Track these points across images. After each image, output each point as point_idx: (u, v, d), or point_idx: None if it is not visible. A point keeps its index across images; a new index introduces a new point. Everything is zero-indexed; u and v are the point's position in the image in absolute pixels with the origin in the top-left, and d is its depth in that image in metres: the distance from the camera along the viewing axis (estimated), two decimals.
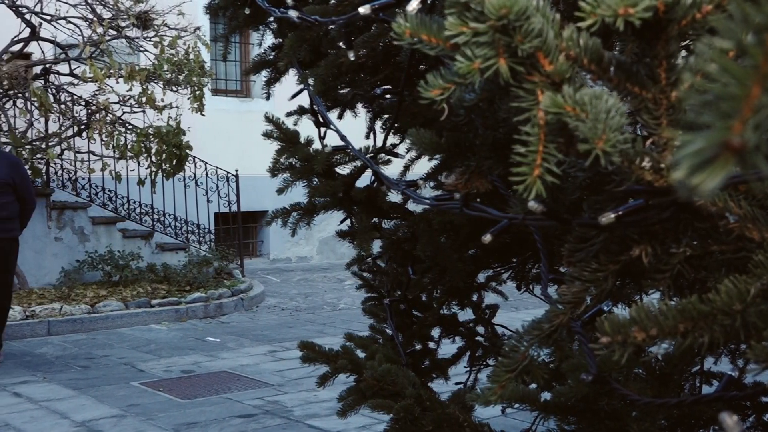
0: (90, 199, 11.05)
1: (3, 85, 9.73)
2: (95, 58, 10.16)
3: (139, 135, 10.54)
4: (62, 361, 7.31)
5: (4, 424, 5.36)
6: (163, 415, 5.54)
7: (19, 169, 7.23)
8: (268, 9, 2.14)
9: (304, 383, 6.23)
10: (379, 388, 2.26)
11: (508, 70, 0.95)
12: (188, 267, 10.84)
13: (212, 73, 11.52)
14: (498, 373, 1.32)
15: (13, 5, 10.09)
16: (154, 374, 6.76)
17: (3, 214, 6.90)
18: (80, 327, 8.74)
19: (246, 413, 5.57)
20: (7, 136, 9.85)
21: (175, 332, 8.76)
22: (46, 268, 10.42)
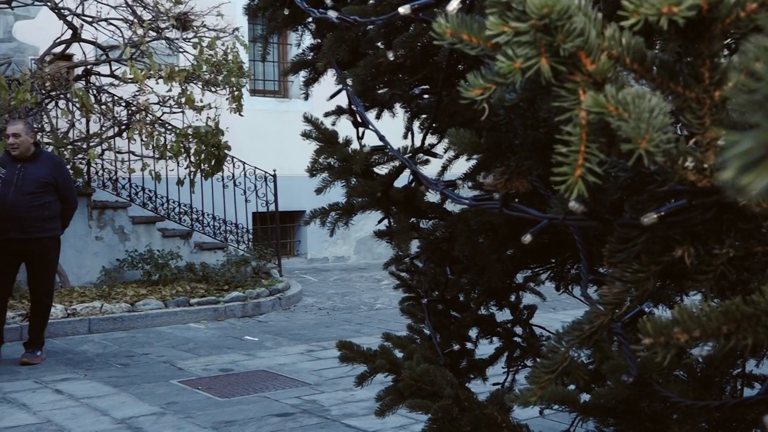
0: (130, 199, 11.17)
1: (45, 86, 9.87)
2: (135, 59, 10.26)
3: (179, 135, 10.63)
4: (103, 359, 7.39)
5: (46, 421, 5.44)
6: (202, 413, 5.58)
7: (62, 169, 7.33)
8: (307, 10, 2.15)
9: (341, 383, 6.24)
10: (417, 388, 2.26)
11: (550, 70, 0.95)
12: (226, 266, 10.92)
13: (250, 73, 11.59)
14: (538, 374, 1.31)
15: (56, 7, 10.22)
16: (193, 372, 6.82)
17: (45, 213, 7.01)
18: (120, 325, 8.84)
19: (283, 412, 5.59)
20: (49, 136, 9.99)
21: (213, 331, 8.82)
22: (87, 267, 10.55)
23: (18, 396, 6.06)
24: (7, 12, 11.22)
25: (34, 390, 6.24)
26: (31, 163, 7.03)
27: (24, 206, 6.89)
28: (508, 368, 3.37)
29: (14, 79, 9.61)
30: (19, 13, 11.35)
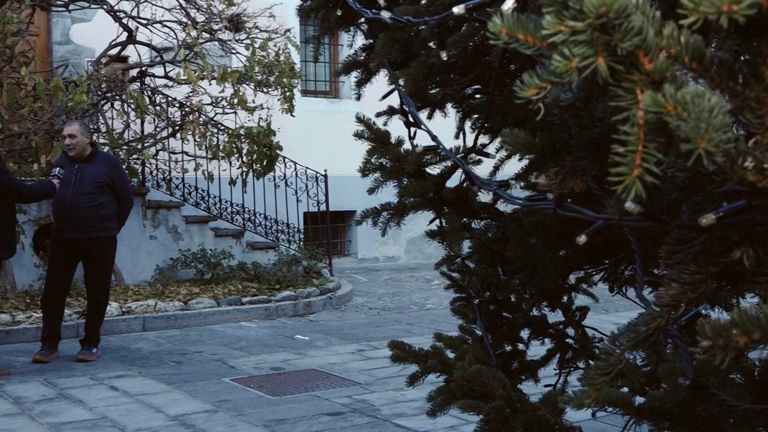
0: (183, 199, 11.30)
1: (102, 87, 10.03)
2: (189, 60, 10.38)
3: (231, 136, 10.73)
4: (156, 357, 7.49)
5: (102, 417, 5.53)
6: (254, 411, 5.63)
7: (118, 169, 7.44)
8: (359, 10, 2.16)
9: (391, 382, 6.25)
10: (469, 389, 2.26)
11: (607, 69, 0.94)
12: (278, 266, 10.99)
13: (302, 74, 11.65)
14: (592, 376, 1.30)
15: (112, 10, 10.39)
16: (245, 371, 6.88)
17: (102, 213, 7.12)
18: (174, 323, 8.95)
19: (334, 411, 5.61)
20: (105, 137, 10.16)
21: (264, 330, 8.89)
22: (141, 266, 10.70)
23: (74, 392, 6.17)
24: (64, 15, 11.43)
25: (90, 386, 6.35)
26: (89, 163, 7.15)
27: (81, 206, 7.01)
28: (560, 370, 3.34)
29: (71, 81, 9.79)
30: (76, 16, 11.55)
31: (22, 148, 9.47)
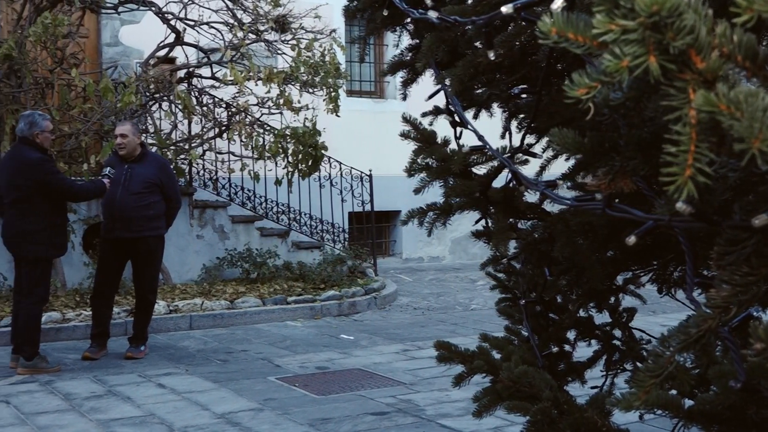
0: (230, 198, 11.40)
1: (150, 88, 10.15)
2: (235, 61, 10.47)
3: (277, 136, 10.80)
4: (203, 355, 7.57)
5: (150, 414, 5.59)
6: (299, 410, 5.66)
7: (167, 169, 7.53)
8: (406, 10, 2.16)
9: (436, 382, 6.24)
10: (516, 390, 2.25)
11: (659, 68, 0.93)
12: (323, 265, 11.03)
13: (347, 74, 11.68)
14: (642, 378, 1.29)
15: (160, 12, 10.51)
16: (290, 370, 6.91)
17: (150, 213, 7.21)
18: (220, 322, 9.03)
19: (379, 411, 5.62)
20: (153, 137, 10.28)
21: (309, 329, 8.93)
22: (188, 265, 10.81)
23: (123, 389, 6.25)
24: (114, 17, 11.59)
25: (138, 384, 6.43)
26: (138, 163, 7.24)
27: (130, 206, 7.11)
28: (607, 371, 3.31)
29: (120, 82, 9.92)
30: (125, 18, 11.71)
31: (72, 148, 9.62)
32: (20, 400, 5.95)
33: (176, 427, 5.27)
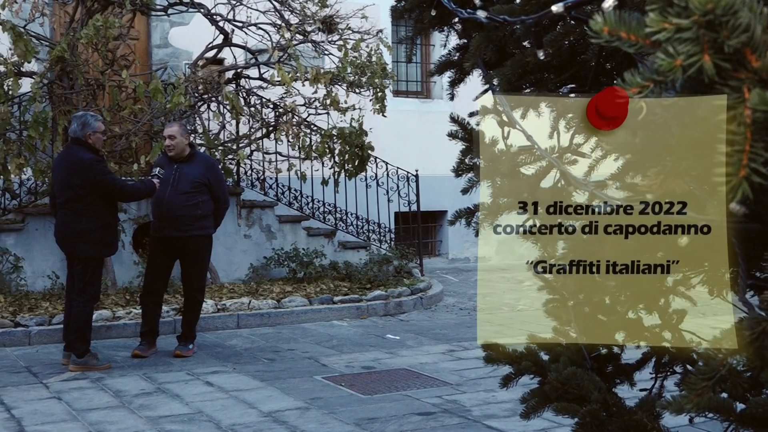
0: (277, 198, 11.47)
1: (198, 89, 10.26)
2: (283, 62, 10.53)
3: (324, 136, 10.85)
4: (250, 354, 7.62)
5: (198, 411, 5.65)
6: (345, 409, 5.67)
7: (215, 169, 7.60)
8: (454, 10, 2.15)
9: (482, 383, 6.22)
10: (564, 392, 2.23)
11: (713, 67, 0.92)
12: (369, 265, 11.06)
13: (394, 74, 11.69)
14: (694, 381, 1.27)
15: (208, 14, 10.61)
16: (336, 369, 6.94)
17: (198, 212, 7.28)
18: (267, 321, 9.09)
19: (425, 411, 5.62)
20: (201, 137, 10.38)
21: (356, 329, 8.95)
22: (236, 264, 10.90)
23: (171, 387, 6.32)
24: (163, 19, 11.73)
25: (186, 381, 6.50)
26: (187, 163, 7.32)
27: (179, 205, 7.19)
28: (656, 374, 3.27)
29: (170, 83, 10.03)
30: (174, 20, 11.85)
31: (123, 148, 9.75)
32: (72, 397, 6.05)
33: (224, 425, 5.32)
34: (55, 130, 9.51)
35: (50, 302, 9.00)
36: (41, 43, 9.93)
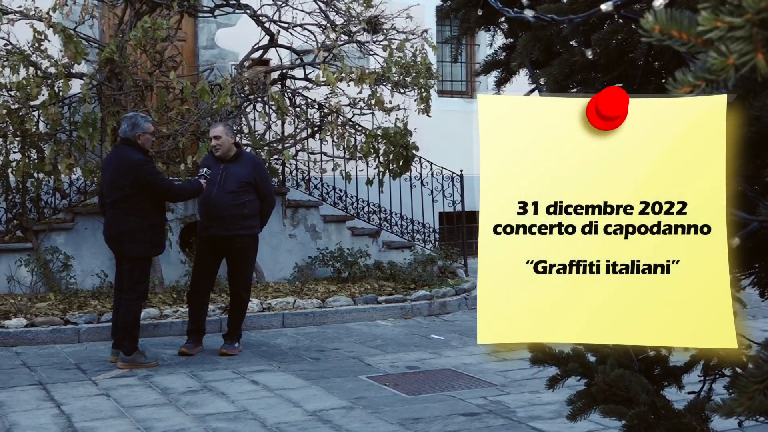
0: (322, 198, 11.51)
1: (244, 90, 10.34)
2: (328, 62, 10.57)
3: (368, 136, 10.87)
4: (295, 353, 7.66)
5: (243, 410, 5.70)
6: (389, 409, 5.68)
7: (261, 169, 7.66)
8: (501, 10, 2.15)
9: (527, 384, 6.19)
10: (611, 393, 2.21)
11: (766, 66, 0.90)
12: (413, 265, 11.06)
13: (438, 74, 11.68)
14: (745, 384, 1.26)
15: (255, 15, 10.69)
16: (381, 369, 6.95)
17: (245, 212, 7.33)
18: (311, 320, 9.13)
19: (469, 412, 5.61)
20: (247, 137, 10.46)
21: (400, 329, 8.96)
22: (281, 264, 10.97)
23: (217, 385, 6.38)
24: (210, 21, 11.84)
25: (232, 380, 6.55)
26: (233, 163, 7.37)
27: (226, 205, 7.24)
28: (705, 377, 3.23)
29: (216, 84, 10.13)
30: (221, 22, 11.95)
31: (170, 149, 9.86)
32: (120, 394, 6.13)
33: (269, 424, 5.36)
34: (104, 131, 9.65)
35: (99, 300, 9.13)
36: (91, 45, 10.07)
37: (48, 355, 7.53)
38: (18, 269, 9.45)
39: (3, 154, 9.42)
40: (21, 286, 9.40)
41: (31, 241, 9.70)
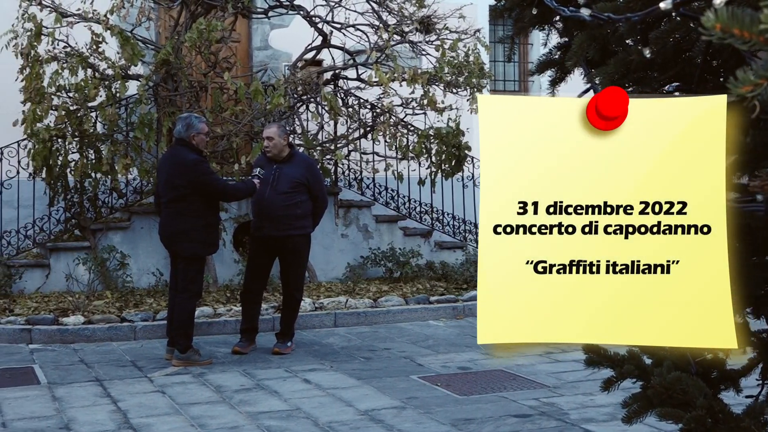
0: (374, 198, 11.53)
1: (298, 90, 10.40)
2: (380, 62, 10.58)
3: (421, 136, 10.86)
4: (347, 352, 7.69)
5: (296, 408, 5.73)
6: (441, 409, 5.67)
7: (314, 169, 7.70)
8: (556, 9, 2.13)
9: (580, 386, 6.13)
10: (668, 397, 2.18)
11: None
12: (465, 265, 11.02)
13: (491, 74, 11.62)
14: None
15: (308, 16, 10.75)
16: (432, 369, 6.94)
17: (298, 212, 7.37)
18: (363, 320, 9.15)
19: (521, 413, 5.57)
20: (300, 138, 10.52)
21: (451, 329, 8.94)
22: (333, 263, 11.01)
23: (270, 383, 6.43)
24: (264, 22, 11.94)
25: (284, 378, 6.60)
26: (286, 163, 7.41)
27: (279, 205, 7.29)
28: (763, 380, 3.17)
29: (270, 85, 10.21)
30: (274, 23, 12.04)
31: (224, 149, 9.96)
32: (175, 391, 6.21)
33: (321, 422, 5.38)
34: (160, 131, 9.79)
35: (154, 298, 9.27)
36: (147, 47, 10.22)
37: (105, 352, 7.66)
38: (76, 268, 9.63)
39: (62, 155, 9.60)
40: (79, 284, 9.58)
41: (89, 240, 9.88)
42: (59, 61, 9.45)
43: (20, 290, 9.48)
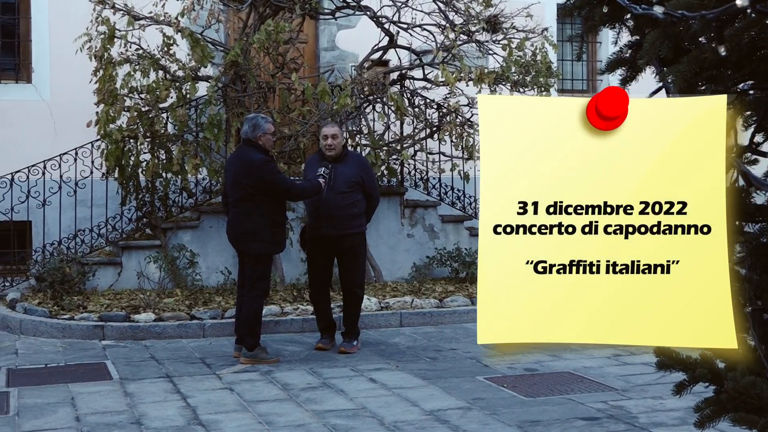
0: (440, 198, 11.51)
1: (364, 91, 10.43)
2: (447, 62, 10.55)
3: None
4: (413, 352, 7.69)
5: (361, 407, 5.76)
6: (507, 411, 5.64)
7: (368, 168, 7.74)
8: (628, 6, 2.10)
9: (649, 389, 6.04)
10: (742, 401, 2.14)
11: None
12: None
13: (559, 73, 11.50)
14: None
15: (374, 16, 10.78)
16: (498, 370, 6.90)
17: (354, 211, 7.40)
18: (429, 320, 9.14)
19: (589, 416, 5.51)
20: (366, 138, 10.56)
21: None
22: (398, 263, 11.02)
23: (336, 382, 6.47)
24: (331, 23, 12.01)
25: (350, 377, 6.63)
26: (341, 163, 7.44)
27: (336, 205, 7.31)
28: None
29: (337, 85, 10.26)
30: (341, 24, 12.10)
31: (292, 149, 10.04)
32: (242, 388, 6.29)
33: (387, 422, 5.40)
34: (229, 132, 9.92)
35: (223, 297, 9.39)
36: (216, 49, 10.36)
37: (174, 349, 7.79)
38: (147, 266, 9.82)
39: (134, 155, 9.79)
40: (150, 282, 9.76)
41: (160, 239, 10.06)
42: (131, 63, 9.64)
43: (93, 287, 9.70)
